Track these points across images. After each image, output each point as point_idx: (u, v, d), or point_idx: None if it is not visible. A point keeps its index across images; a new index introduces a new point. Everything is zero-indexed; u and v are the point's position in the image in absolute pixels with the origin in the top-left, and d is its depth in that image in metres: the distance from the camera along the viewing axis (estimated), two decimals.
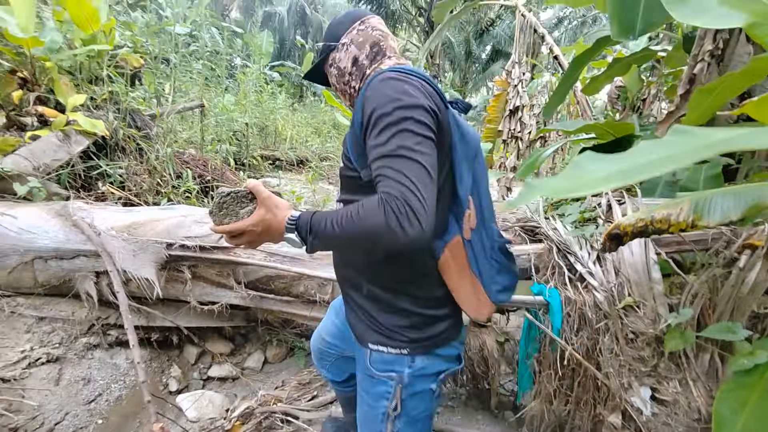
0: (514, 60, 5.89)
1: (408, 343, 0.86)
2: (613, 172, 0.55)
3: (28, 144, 1.85)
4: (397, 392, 0.87)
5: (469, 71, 20.92)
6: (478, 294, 0.87)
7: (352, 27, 0.97)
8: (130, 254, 1.58)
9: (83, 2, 2.33)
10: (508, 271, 0.91)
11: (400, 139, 0.72)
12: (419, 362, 0.86)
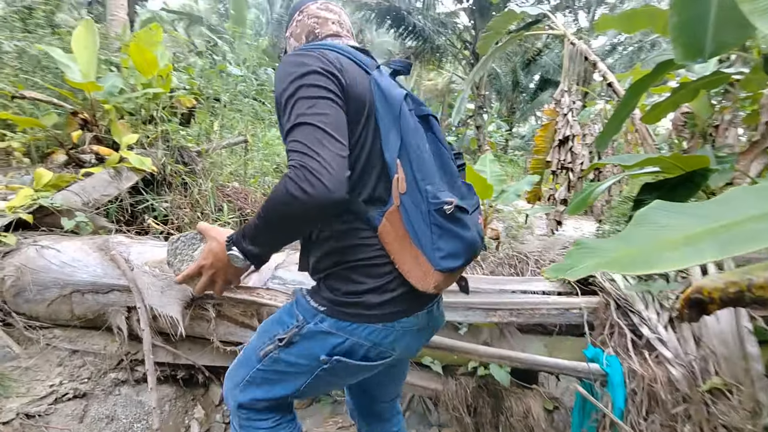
0: (562, 88, 5.65)
1: (328, 303, 0.86)
2: (700, 234, 0.40)
3: (81, 180, 1.97)
4: (291, 331, 0.89)
5: (516, 101, 20.65)
6: (421, 263, 0.82)
7: (293, 19, 1.00)
8: (158, 291, 1.57)
9: (144, 51, 2.54)
10: (453, 236, 0.81)
11: (296, 108, 0.74)
12: (326, 324, 0.86)
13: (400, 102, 0.82)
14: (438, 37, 13.41)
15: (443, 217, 0.79)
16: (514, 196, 3.95)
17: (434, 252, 0.80)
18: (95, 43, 2.17)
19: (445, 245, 0.80)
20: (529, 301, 1.43)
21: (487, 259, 2.10)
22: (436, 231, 0.80)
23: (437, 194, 0.80)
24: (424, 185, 0.80)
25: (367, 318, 0.85)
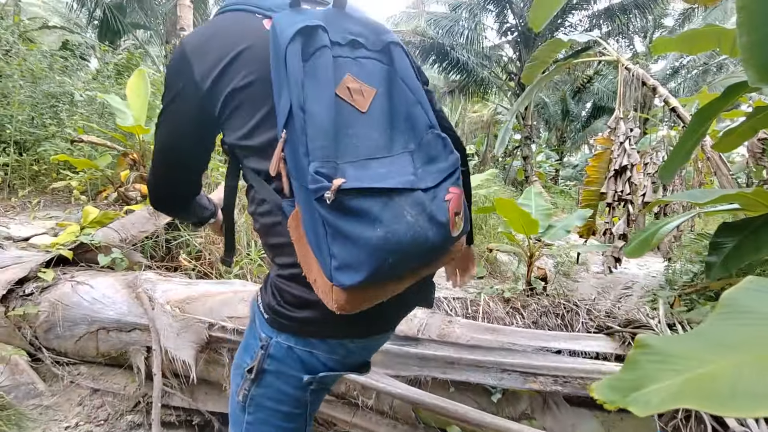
0: (617, 115, 5.29)
1: (272, 313, 0.70)
2: None
3: (122, 218, 2.06)
4: (258, 355, 0.71)
5: (566, 130, 19.94)
6: (321, 273, 0.59)
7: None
8: (174, 333, 1.54)
9: None
10: (344, 237, 0.56)
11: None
12: (284, 338, 0.69)
13: (285, 44, 0.58)
14: (482, 70, 13.44)
15: (329, 209, 0.55)
16: (563, 232, 3.63)
17: (328, 259, 0.57)
18: (147, 90, 2.35)
19: (339, 251, 0.56)
20: (579, 368, 1.20)
21: (529, 307, 1.87)
22: (328, 229, 0.56)
23: (319, 171, 0.55)
24: (308, 161, 0.56)
25: (304, 332, 0.69)
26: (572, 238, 7.75)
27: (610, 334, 1.39)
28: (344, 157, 0.58)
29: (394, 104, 0.66)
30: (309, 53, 0.59)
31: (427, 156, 0.65)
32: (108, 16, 10.84)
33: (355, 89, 0.62)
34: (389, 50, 0.68)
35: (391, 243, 0.57)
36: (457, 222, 0.64)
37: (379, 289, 0.62)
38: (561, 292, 3.89)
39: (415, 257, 0.62)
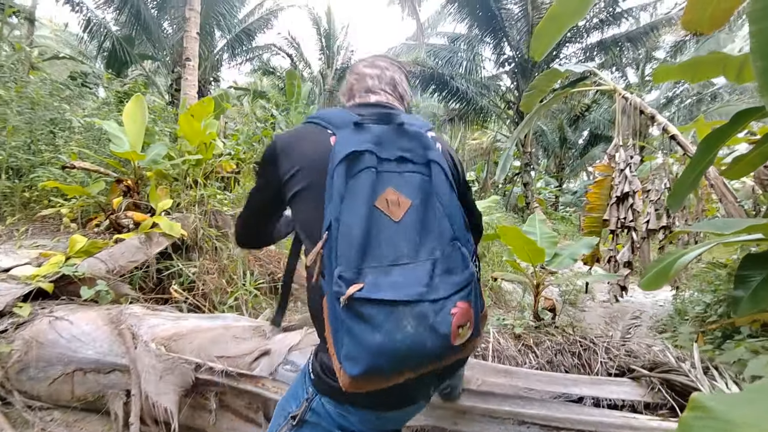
0: (617, 143, 5.30)
1: (316, 377, 0.80)
2: None
3: (110, 247, 1.96)
4: (303, 406, 0.81)
5: (564, 157, 20.16)
6: (334, 354, 0.71)
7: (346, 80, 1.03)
8: (157, 375, 1.41)
9: (192, 121, 2.67)
10: (350, 334, 0.67)
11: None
12: (325, 400, 0.79)
13: (335, 165, 0.73)
14: (481, 98, 13.69)
15: (344, 309, 0.67)
16: (570, 260, 3.51)
17: (340, 346, 0.69)
18: (144, 115, 2.31)
19: (347, 343, 0.68)
20: (607, 421, 1.05)
21: (543, 344, 1.74)
22: (342, 324, 0.68)
23: (342, 275, 0.68)
24: (336, 265, 0.69)
25: (335, 395, 0.78)
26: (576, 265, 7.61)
27: (636, 378, 1.26)
28: (370, 261, 0.69)
29: (426, 215, 0.75)
30: (352, 174, 0.73)
31: (446, 266, 0.73)
32: (116, 48, 11.12)
33: (392, 201, 0.74)
34: (429, 166, 0.79)
35: (387, 348, 0.66)
36: (461, 333, 0.71)
37: (382, 379, 0.69)
38: (569, 323, 3.72)
39: (412, 360, 0.69)
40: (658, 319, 5.26)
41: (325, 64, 18.50)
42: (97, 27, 11.19)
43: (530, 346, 1.71)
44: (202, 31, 12.43)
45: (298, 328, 1.64)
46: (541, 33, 2.68)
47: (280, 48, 17.03)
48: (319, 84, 18.11)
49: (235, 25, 13.56)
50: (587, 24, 12.15)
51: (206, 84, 14.31)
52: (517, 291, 4.91)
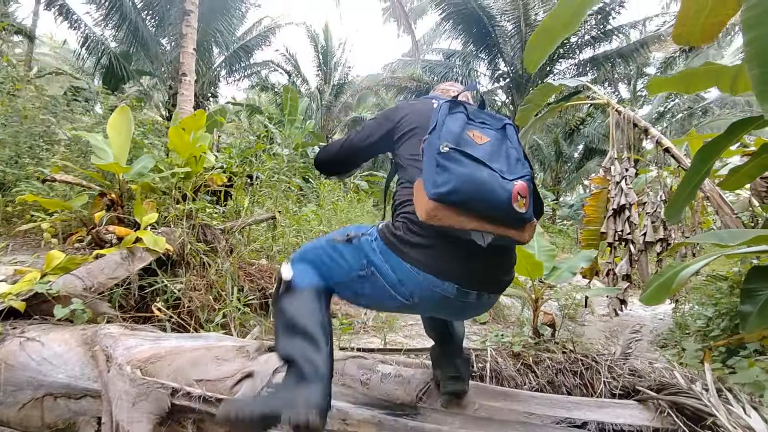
0: (611, 156, 5.30)
1: (383, 233, 1.13)
2: None
3: (88, 263, 1.88)
4: (354, 234, 1.18)
5: (561, 171, 20.30)
6: (422, 192, 1.00)
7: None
8: (130, 401, 1.31)
9: (182, 134, 2.62)
10: (446, 170, 1.01)
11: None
12: (375, 244, 1.12)
13: (439, 107, 1.11)
14: None
15: (441, 156, 0.99)
16: (568, 274, 3.44)
17: (430, 183, 0.98)
18: (129, 128, 2.25)
19: (439, 178, 0.97)
20: None
21: (542, 363, 1.65)
22: (437, 168, 0.98)
23: (445, 142, 1.01)
24: (440, 141, 1.01)
25: (400, 252, 1.06)
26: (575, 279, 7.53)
27: (643, 400, 1.18)
28: (464, 147, 1.02)
29: (500, 148, 1.09)
30: (452, 112, 1.10)
31: (514, 170, 1.05)
32: (113, 64, 11.18)
33: (476, 135, 1.08)
34: (504, 127, 1.15)
35: (470, 177, 0.97)
36: (519, 200, 1.00)
37: (460, 215, 0.97)
38: (569, 338, 3.63)
39: (485, 199, 0.98)
40: (659, 333, 5.16)
41: (322, 80, 18.68)
42: (94, 44, 11.28)
43: (530, 366, 1.62)
44: (200, 48, 12.56)
45: None
46: (534, 45, 2.68)
47: (278, 64, 17.20)
48: (317, 99, 18.26)
49: (233, 42, 13.70)
50: (579, 41, 12.38)
51: (204, 99, 14.38)
52: (516, 306, 4.82)
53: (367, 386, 1.34)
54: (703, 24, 2.09)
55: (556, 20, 2.55)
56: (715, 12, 2.01)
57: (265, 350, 1.52)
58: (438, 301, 1.05)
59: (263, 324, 2.54)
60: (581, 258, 3.75)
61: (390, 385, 1.34)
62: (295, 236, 3.63)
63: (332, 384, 1.37)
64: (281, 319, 1.12)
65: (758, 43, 1.55)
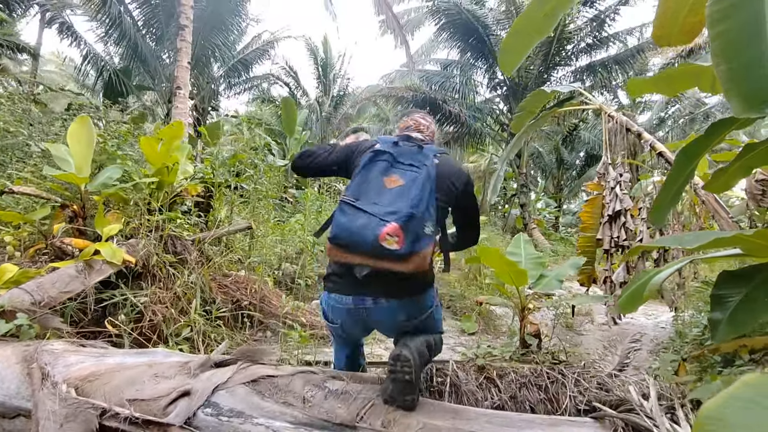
0: (605, 161, 5.21)
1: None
2: None
3: (40, 277, 1.82)
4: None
5: (562, 178, 20.16)
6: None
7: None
8: (58, 422, 1.24)
9: (153, 143, 2.59)
10: (335, 218, 1.35)
11: None
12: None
13: (363, 158, 1.46)
14: (475, 121, 13.81)
15: (339, 205, 1.35)
16: (556, 282, 3.34)
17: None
18: (90, 137, 2.22)
19: (333, 224, 1.32)
20: None
21: (507, 376, 1.56)
22: (335, 215, 1.33)
23: (346, 194, 1.37)
24: (345, 192, 1.39)
25: (324, 286, 1.49)
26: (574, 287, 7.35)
27: (599, 418, 1.09)
28: (364, 196, 1.34)
29: (407, 190, 1.33)
30: (373, 160, 1.42)
31: (396, 213, 1.28)
32: (113, 80, 11.35)
33: (392, 180, 1.37)
34: (426, 167, 1.38)
35: (345, 225, 1.28)
36: (388, 239, 1.23)
37: (345, 253, 1.31)
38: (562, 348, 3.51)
39: (354, 242, 1.27)
40: (659, 342, 4.99)
41: (322, 92, 18.84)
42: (95, 60, 11.48)
43: (492, 379, 1.53)
44: (198, 63, 12.73)
45: (233, 362, 1.48)
46: (507, 48, 2.63)
47: (277, 77, 17.39)
48: (316, 111, 18.39)
49: (233, 57, 13.87)
50: (575, 48, 12.38)
51: (204, 113, 14.53)
52: (509, 315, 4.69)
53: (310, 404, 1.26)
54: (682, 24, 2.03)
55: (526, 24, 2.50)
56: (695, 11, 1.94)
57: (210, 366, 1.44)
58: (347, 314, 1.41)
59: (233, 338, 2.46)
60: (569, 265, 3.65)
61: (333, 402, 1.25)
62: (280, 245, 3.57)
63: (273, 402, 1.29)
64: None
65: (724, 38, 1.48)
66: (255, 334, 2.82)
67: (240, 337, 2.61)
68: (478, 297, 3.94)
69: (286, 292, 3.66)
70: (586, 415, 1.29)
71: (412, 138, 1.54)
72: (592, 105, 5.68)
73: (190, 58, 7.66)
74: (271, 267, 3.76)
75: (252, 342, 2.61)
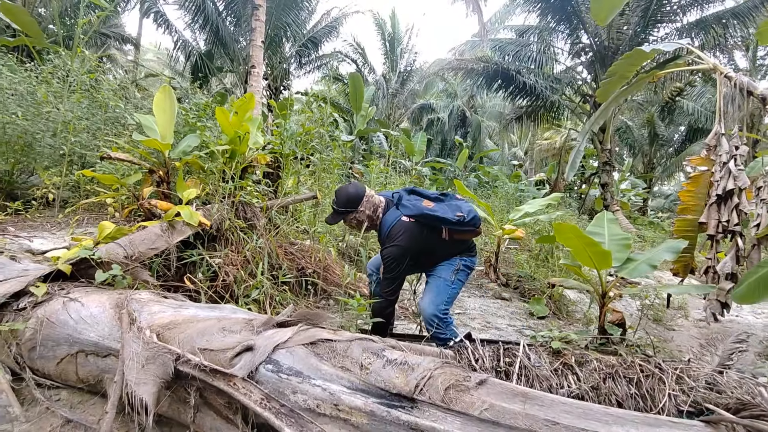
0: (717, 131, 4.43)
1: None
2: None
3: (130, 234, 2.00)
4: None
5: (656, 155, 17.87)
6: None
7: (363, 202, 2.10)
8: (140, 363, 1.34)
9: (226, 113, 2.70)
10: None
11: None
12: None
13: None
14: (552, 93, 12.65)
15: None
16: (646, 267, 2.92)
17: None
18: (173, 106, 2.36)
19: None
20: None
21: (589, 364, 1.37)
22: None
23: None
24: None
25: None
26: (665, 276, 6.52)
27: (713, 422, 0.88)
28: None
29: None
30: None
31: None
32: (198, 63, 12.28)
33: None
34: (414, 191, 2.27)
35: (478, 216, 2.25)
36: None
37: (475, 233, 2.24)
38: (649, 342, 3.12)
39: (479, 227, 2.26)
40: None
41: (388, 68, 18.61)
42: (183, 46, 12.48)
43: (570, 366, 1.36)
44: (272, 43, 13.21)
45: (293, 324, 1.49)
46: None
47: (345, 54, 17.49)
48: (383, 87, 18.27)
49: (303, 35, 14.18)
50: (683, 0, 10.56)
51: (277, 92, 15.19)
52: (584, 302, 4.30)
53: (367, 371, 1.21)
54: None
55: None
56: None
57: (273, 325, 1.46)
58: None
59: (298, 303, 2.54)
60: (665, 248, 3.17)
61: (391, 371, 1.19)
62: None
63: (331, 365, 1.27)
64: None
65: None
66: (318, 301, 2.89)
67: (304, 303, 2.69)
68: (550, 279, 3.64)
69: (349, 263, 3.70)
70: (690, 417, 1.08)
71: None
72: (703, 65, 4.79)
73: (263, 38, 7.94)
74: (335, 238, 3.82)
75: (315, 308, 2.68)
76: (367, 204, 2.07)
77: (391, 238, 1.97)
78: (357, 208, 2.07)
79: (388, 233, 2.00)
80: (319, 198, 3.10)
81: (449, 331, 2.02)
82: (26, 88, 3.17)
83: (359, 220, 2.10)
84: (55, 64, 3.61)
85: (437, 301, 2.04)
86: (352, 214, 2.08)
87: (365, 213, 2.08)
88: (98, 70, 4.03)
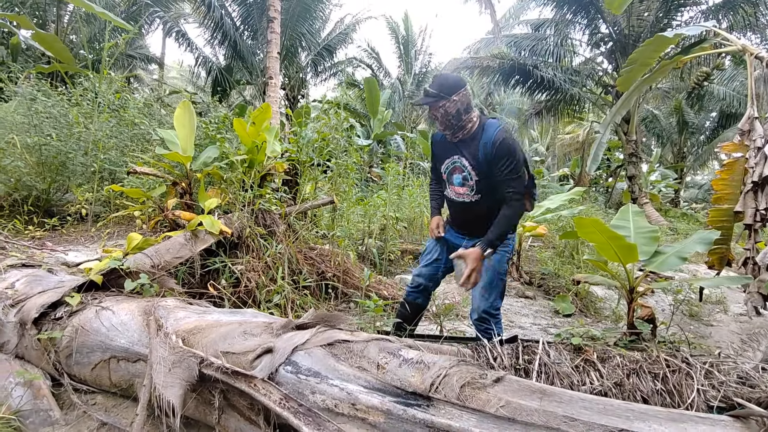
0: (751, 115, 4.21)
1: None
2: None
3: (156, 244, 2.09)
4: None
5: (686, 144, 17.12)
6: None
7: (461, 92, 1.85)
8: (167, 367, 1.40)
9: (243, 124, 2.78)
10: None
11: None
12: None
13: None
14: (571, 86, 12.34)
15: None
16: (677, 260, 2.81)
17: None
18: (192, 120, 2.46)
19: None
20: None
21: (611, 360, 1.33)
22: None
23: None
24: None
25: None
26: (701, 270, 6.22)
27: (743, 417, 0.84)
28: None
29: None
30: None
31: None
32: (218, 78, 12.69)
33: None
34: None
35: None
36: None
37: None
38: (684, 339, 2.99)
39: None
40: None
41: (403, 71, 18.66)
42: (204, 62, 12.93)
43: (592, 362, 1.32)
44: (288, 54, 13.50)
45: (312, 326, 1.52)
46: None
47: (360, 60, 17.65)
48: (398, 90, 18.31)
49: (318, 44, 14.42)
50: None
51: (294, 101, 15.50)
52: (612, 298, 4.15)
53: (384, 370, 1.22)
54: None
55: None
56: None
57: (292, 328, 1.50)
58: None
59: (319, 307, 2.57)
60: (696, 241, 3.04)
61: (407, 370, 1.20)
62: (363, 220, 3.62)
63: (348, 366, 1.29)
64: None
65: None
66: (339, 305, 2.92)
67: (325, 306, 2.73)
68: (575, 275, 3.54)
69: (369, 266, 3.72)
70: (719, 413, 1.03)
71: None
72: (732, 46, 4.58)
73: (279, 49, 8.13)
74: (354, 242, 3.86)
75: (336, 311, 2.71)
76: (464, 97, 1.82)
77: (499, 137, 1.79)
78: (450, 97, 1.81)
79: (494, 134, 1.80)
80: (336, 202, 3.14)
81: (498, 328, 1.88)
82: (59, 111, 3.39)
83: (448, 111, 1.82)
84: (85, 87, 3.84)
85: (490, 296, 1.87)
86: (444, 101, 1.81)
87: (457, 105, 1.81)
88: (124, 90, 4.23)
